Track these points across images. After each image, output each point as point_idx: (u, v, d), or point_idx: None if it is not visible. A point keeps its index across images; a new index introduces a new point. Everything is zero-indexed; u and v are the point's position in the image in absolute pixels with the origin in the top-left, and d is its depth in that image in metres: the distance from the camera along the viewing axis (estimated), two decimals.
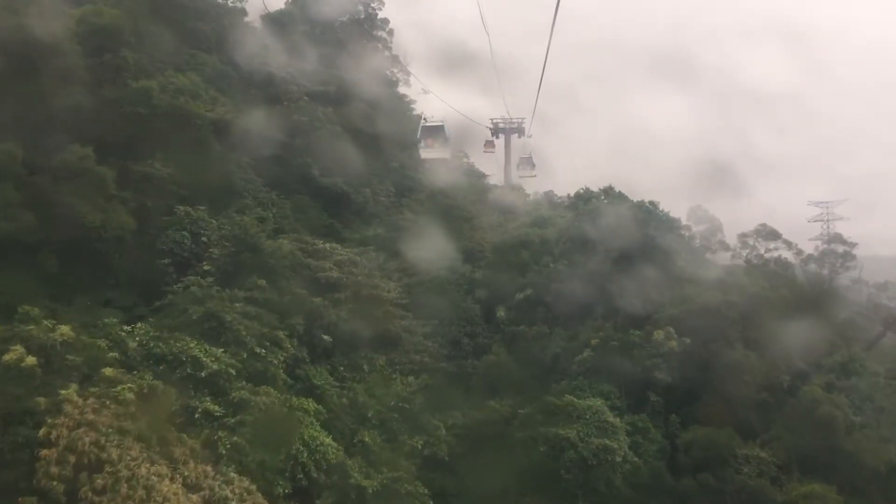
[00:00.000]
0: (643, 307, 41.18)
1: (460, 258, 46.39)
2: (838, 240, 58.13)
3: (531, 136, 65.30)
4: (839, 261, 55.05)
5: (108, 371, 25.63)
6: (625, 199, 48.37)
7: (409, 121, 56.69)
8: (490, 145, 66.51)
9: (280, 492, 27.03)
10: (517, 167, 64.33)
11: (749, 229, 51.96)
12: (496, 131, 67.35)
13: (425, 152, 51.31)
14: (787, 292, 44.17)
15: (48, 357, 24.81)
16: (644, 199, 47.50)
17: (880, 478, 35.84)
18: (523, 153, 63.56)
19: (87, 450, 22.88)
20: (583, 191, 52.05)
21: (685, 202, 52.69)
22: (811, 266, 54.28)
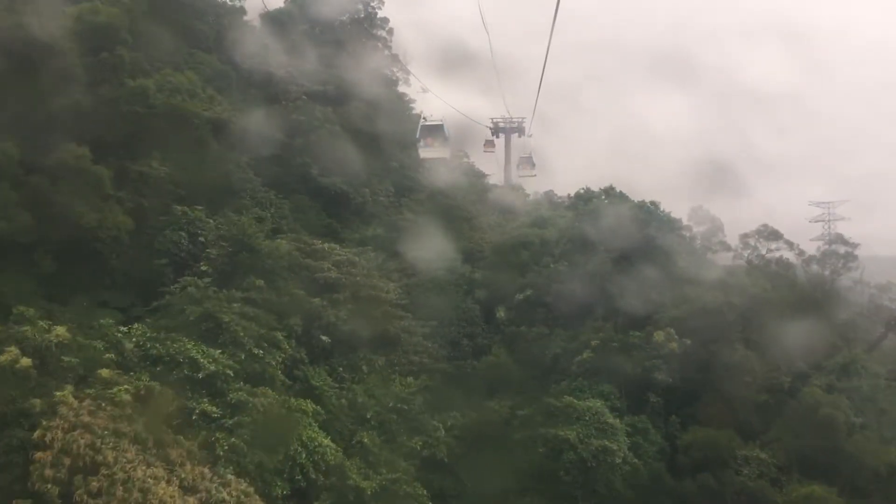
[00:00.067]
0: (644, 308, 41.13)
1: (460, 258, 46.31)
2: (840, 240, 57.80)
3: (531, 136, 65.41)
4: (841, 261, 54.76)
5: (105, 372, 25.31)
6: (625, 199, 48.36)
7: (409, 120, 56.39)
8: (490, 145, 66.53)
9: (278, 493, 26.78)
10: (517, 167, 64.25)
11: (750, 230, 51.68)
12: (496, 131, 67.37)
13: (425, 152, 51.05)
14: (788, 293, 44.16)
15: (43, 358, 24.50)
16: (645, 199, 47.66)
17: (881, 479, 35.73)
18: (523, 153, 63.46)
19: (83, 452, 22.50)
20: (583, 191, 52.12)
21: (686, 202, 52.55)
22: (813, 267, 54.01)
